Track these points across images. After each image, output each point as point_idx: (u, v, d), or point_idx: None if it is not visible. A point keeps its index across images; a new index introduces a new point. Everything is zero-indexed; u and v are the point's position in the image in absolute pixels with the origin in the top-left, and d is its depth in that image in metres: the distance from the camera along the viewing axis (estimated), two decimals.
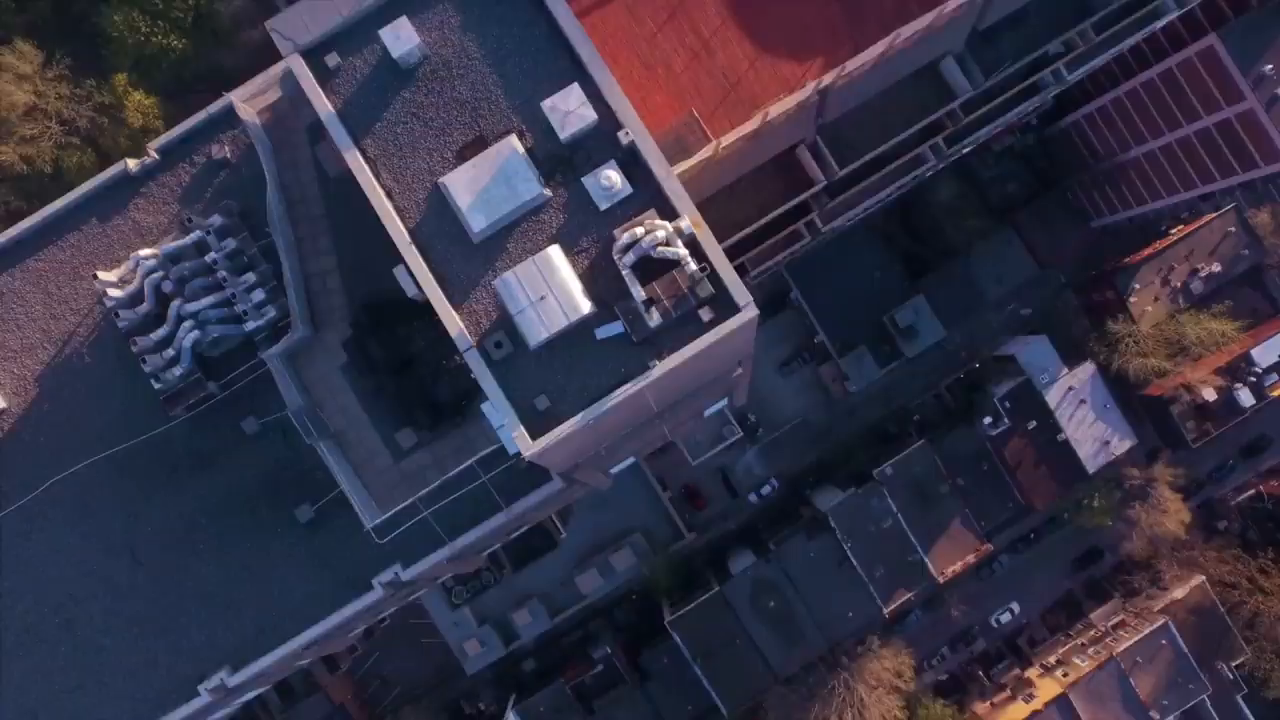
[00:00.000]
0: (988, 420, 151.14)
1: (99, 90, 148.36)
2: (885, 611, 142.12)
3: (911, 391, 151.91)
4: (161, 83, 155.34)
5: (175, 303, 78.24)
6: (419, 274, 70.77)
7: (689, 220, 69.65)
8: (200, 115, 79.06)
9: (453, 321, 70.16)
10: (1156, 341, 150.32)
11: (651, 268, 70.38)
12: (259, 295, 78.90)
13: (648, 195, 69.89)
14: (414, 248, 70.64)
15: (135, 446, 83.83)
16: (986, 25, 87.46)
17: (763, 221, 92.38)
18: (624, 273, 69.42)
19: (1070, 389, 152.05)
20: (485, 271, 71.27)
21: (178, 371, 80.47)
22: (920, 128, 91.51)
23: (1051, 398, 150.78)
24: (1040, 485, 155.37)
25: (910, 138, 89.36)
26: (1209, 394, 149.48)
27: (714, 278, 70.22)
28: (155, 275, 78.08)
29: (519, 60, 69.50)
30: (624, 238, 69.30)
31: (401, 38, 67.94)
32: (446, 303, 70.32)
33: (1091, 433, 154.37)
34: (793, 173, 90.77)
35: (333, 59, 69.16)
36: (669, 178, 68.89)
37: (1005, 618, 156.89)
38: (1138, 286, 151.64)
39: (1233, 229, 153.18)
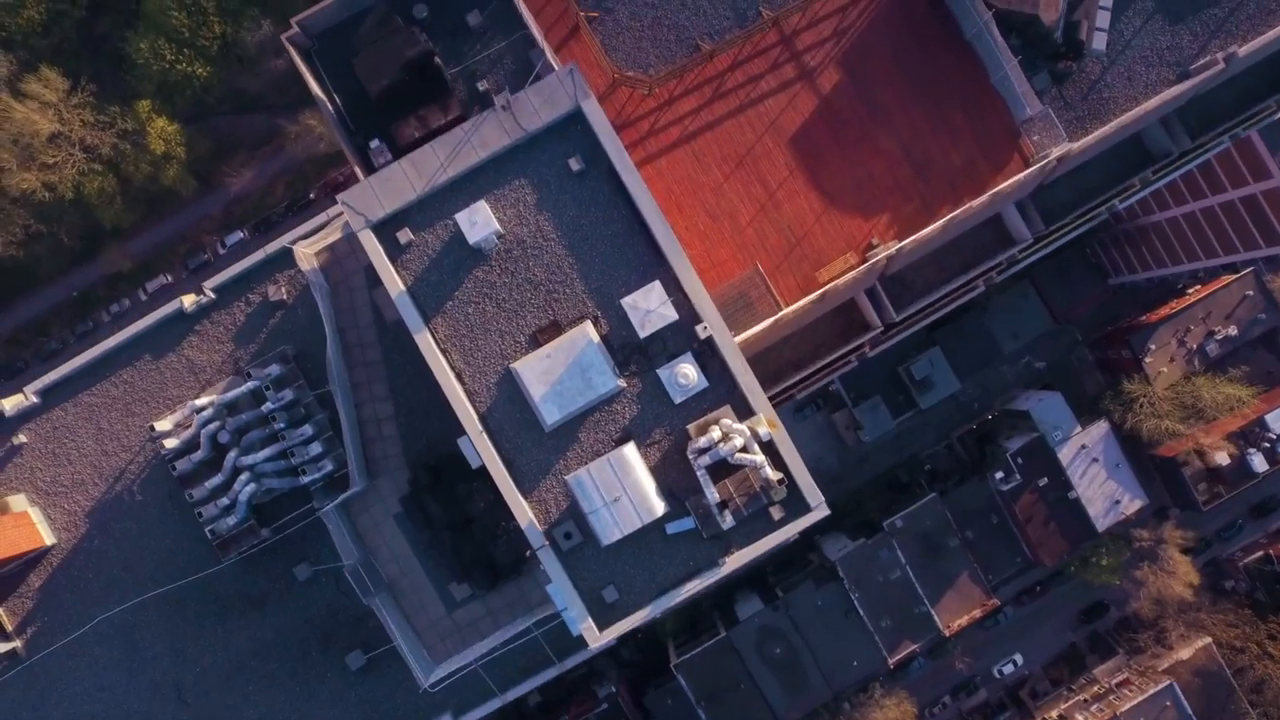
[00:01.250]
0: (999, 475, 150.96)
1: (122, 117, 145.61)
2: (890, 661, 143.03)
3: (923, 441, 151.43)
4: (183, 106, 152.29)
5: (232, 454, 77.29)
6: (488, 459, 69.79)
7: (765, 423, 68.68)
8: (257, 255, 77.56)
9: (522, 511, 69.38)
10: (1171, 403, 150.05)
11: (725, 466, 69.52)
12: (316, 449, 77.98)
13: (723, 390, 68.87)
14: (485, 435, 69.28)
15: (185, 586, 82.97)
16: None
17: (819, 365, 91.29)
18: (699, 474, 68.70)
19: (1083, 447, 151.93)
20: (556, 461, 70.31)
21: (232, 520, 79.79)
22: (979, 271, 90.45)
23: (1064, 455, 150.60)
24: (1049, 541, 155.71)
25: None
26: (1222, 459, 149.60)
27: (788, 480, 69.49)
28: (212, 426, 76.87)
29: (596, 243, 67.33)
30: (701, 440, 68.42)
31: (479, 225, 65.45)
32: (516, 491, 69.49)
33: (1102, 491, 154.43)
34: (850, 314, 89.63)
35: (404, 235, 67.00)
36: (745, 373, 67.85)
37: (1008, 669, 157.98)
38: (1153, 347, 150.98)
39: (1250, 293, 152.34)
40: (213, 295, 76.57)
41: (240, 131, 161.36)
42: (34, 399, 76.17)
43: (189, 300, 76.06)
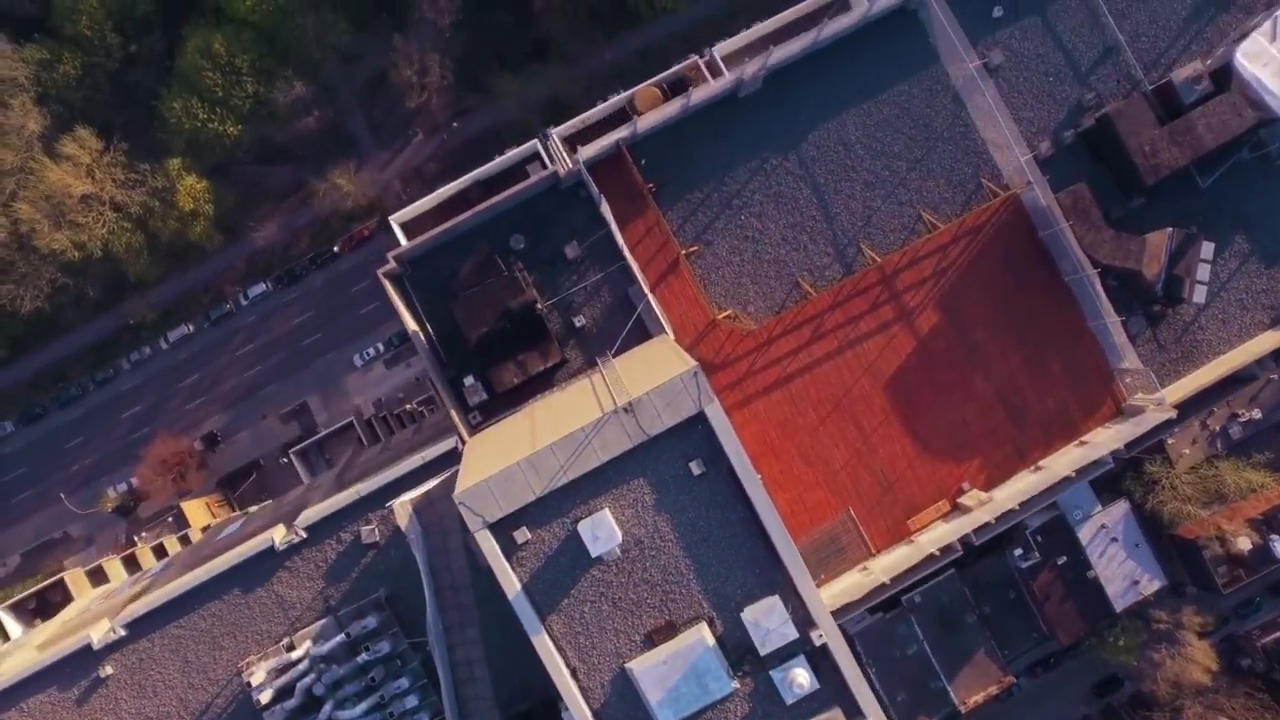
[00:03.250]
0: (1018, 552, 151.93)
1: (152, 174, 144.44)
2: None
3: None
4: (211, 160, 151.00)
5: (327, 706, 76.10)
6: None
7: None
8: (350, 495, 76.15)
9: None
10: (1193, 486, 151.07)
11: None
12: (412, 701, 77.21)
13: (832, 691, 68.46)
14: None
15: None
16: None
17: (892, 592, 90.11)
18: None
19: (1103, 526, 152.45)
20: None
21: None
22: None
23: (1083, 534, 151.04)
24: (1066, 620, 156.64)
25: None
26: (1243, 545, 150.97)
27: None
28: (307, 679, 76.08)
29: (713, 544, 65.93)
30: None
31: (601, 539, 63.99)
32: None
33: (1121, 571, 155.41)
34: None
35: (522, 534, 65.26)
36: (858, 679, 67.81)
37: None
38: (1176, 429, 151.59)
39: (1275, 376, 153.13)
40: (304, 534, 75.48)
41: (266, 182, 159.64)
42: (121, 631, 75.49)
43: (280, 537, 75.20)
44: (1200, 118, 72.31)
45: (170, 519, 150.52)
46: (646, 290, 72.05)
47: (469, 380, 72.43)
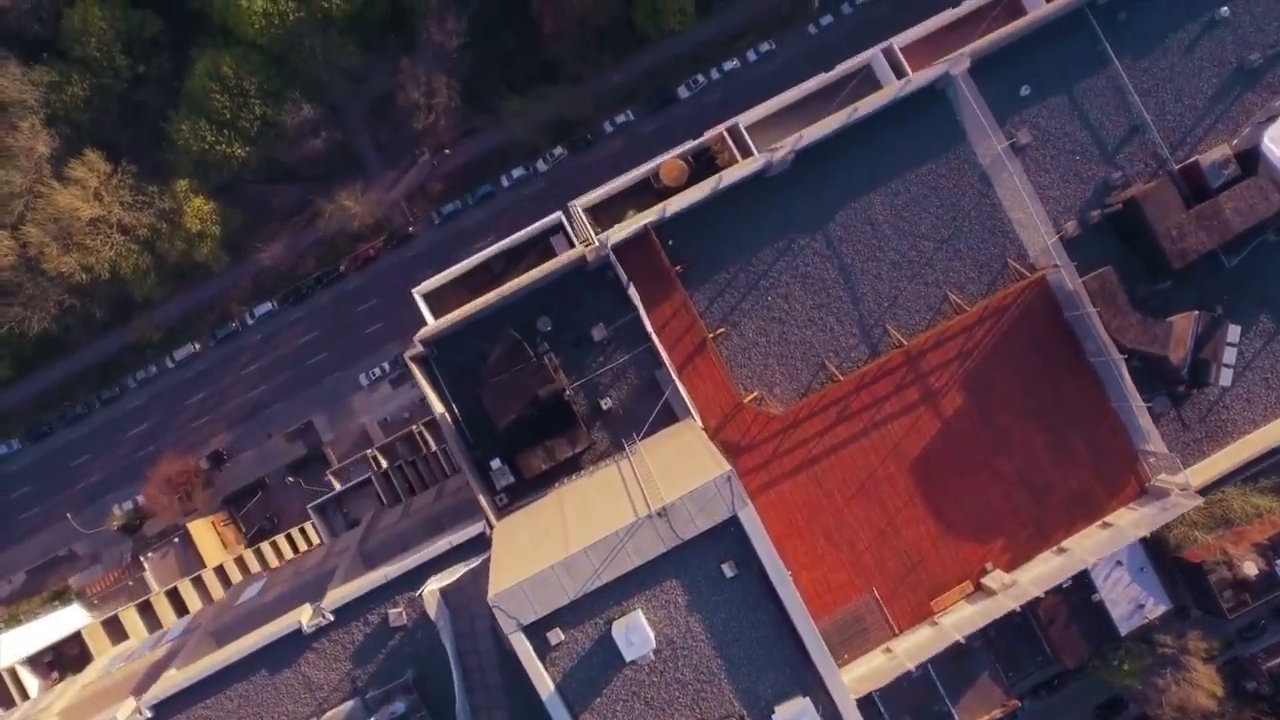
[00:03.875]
0: None
1: (160, 196, 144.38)
2: None
3: None
4: (218, 181, 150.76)
5: None
6: None
7: None
8: (377, 577, 75.64)
9: None
10: (1200, 512, 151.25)
11: None
12: None
13: None
14: None
15: None
16: None
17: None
18: None
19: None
20: None
21: None
22: None
23: None
24: (1071, 644, 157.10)
25: None
26: (1250, 569, 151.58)
27: None
28: None
29: (745, 644, 65.81)
30: None
31: (635, 644, 63.85)
32: None
33: (1126, 594, 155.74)
34: None
35: (555, 635, 65.12)
36: None
37: None
38: None
39: None
40: (331, 616, 75.07)
41: (272, 201, 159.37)
42: (148, 712, 75.17)
43: (307, 618, 74.90)
44: (1228, 201, 72.37)
45: (176, 539, 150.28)
46: (673, 374, 72.05)
47: (495, 464, 72.39)
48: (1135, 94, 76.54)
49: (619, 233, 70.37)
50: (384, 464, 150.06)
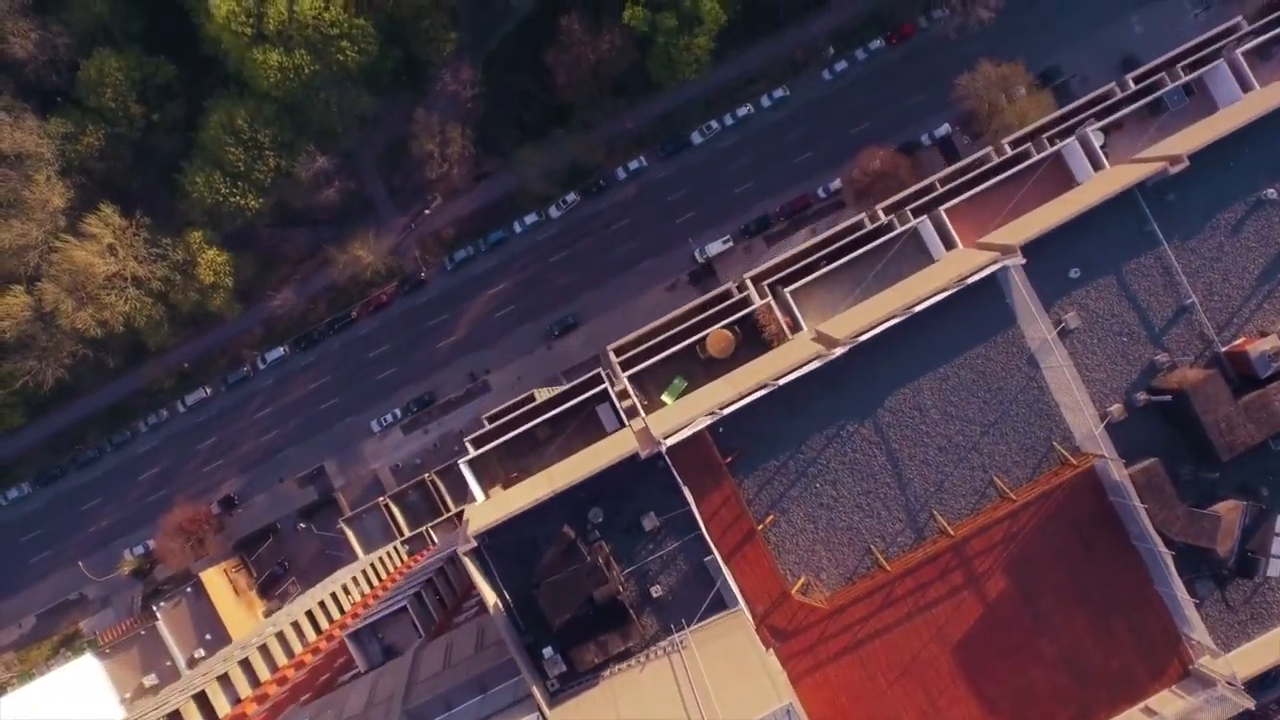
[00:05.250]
0: None
1: (174, 248, 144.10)
2: None
3: None
4: (231, 230, 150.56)
5: None
6: None
7: None
8: None
9: None
10: None
11: None
12: None
13: None
14: None
15: None
16: None
17: None
18: None
19: None
20: None
21: None
22: None
23: None
24: None
25: None
26: None
27: None
28: None
29: None
30: None
31: None
32: None
33: None
34: None
35: None
36: None
37: None
38: None
39: None
40: None
41: (284, 245, 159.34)
42: None
43: None
44: (1277, 393, 72.80)
45: (189, 589, 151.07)
46: (721, 563, 72.56)
47: (548, 652, 72.97)
48: (1183, 274, 76.72)
49: (673, 431, 70.35)
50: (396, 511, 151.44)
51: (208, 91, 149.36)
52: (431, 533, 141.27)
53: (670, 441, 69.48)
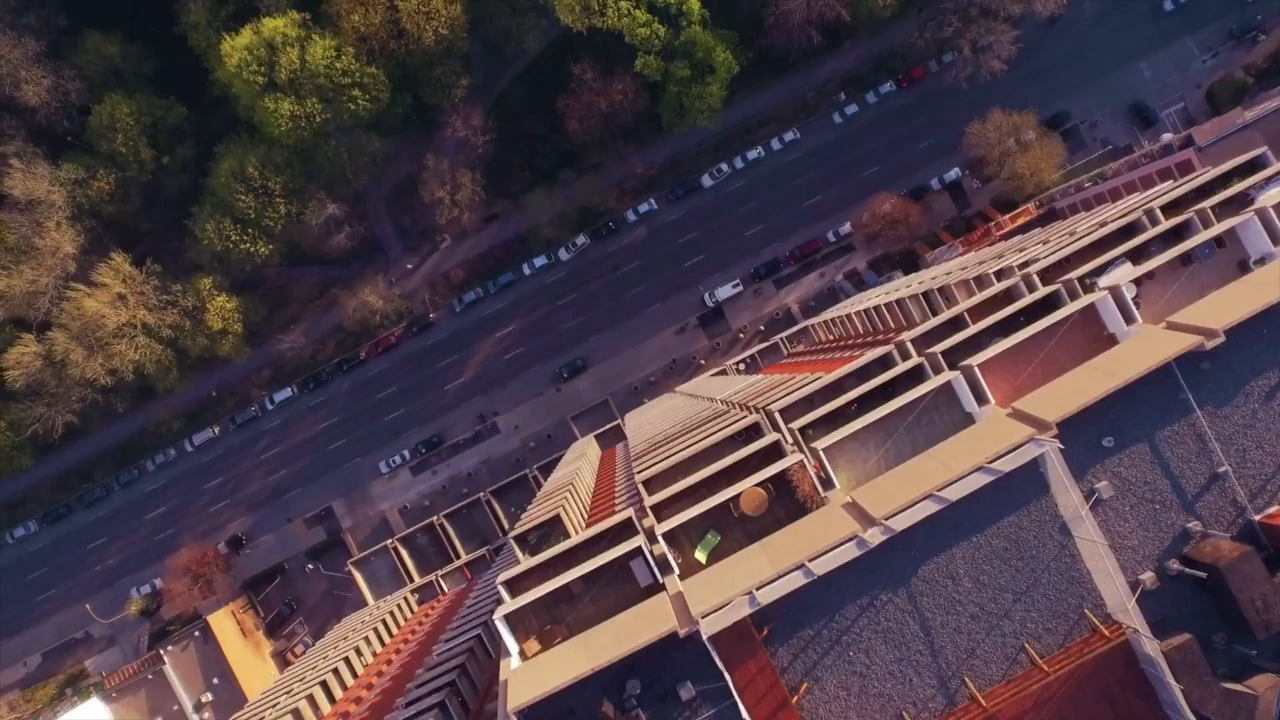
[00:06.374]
0: None
1: (183, 295, 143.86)
2: None
3: None
4: (240, 276, 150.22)
5: None
6: None
7: None
8: None
9: None
10: None
11: None
12: None
13: None
14: None
15: None
16: None
17: None
18: None
19: None
20: None
21: None
22: None
23: None
24: None
25: None
26: None
27: None
28: None
29: None
30: None
31: None
32: None
33: None
34: None
35: None
36: None
37: None
38: None
39: None
40: None
41: (292, 285, 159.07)
42: None
43: None
44: None
45: (197, 632, 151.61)
46: None
47: None
48: (1216, 441, 77.01)
49: (710, 610, 70.68)
50: (405, 554, 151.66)
51: (218, 131, 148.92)
52: (441, 581, 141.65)
53: (708, 624, 69.79)
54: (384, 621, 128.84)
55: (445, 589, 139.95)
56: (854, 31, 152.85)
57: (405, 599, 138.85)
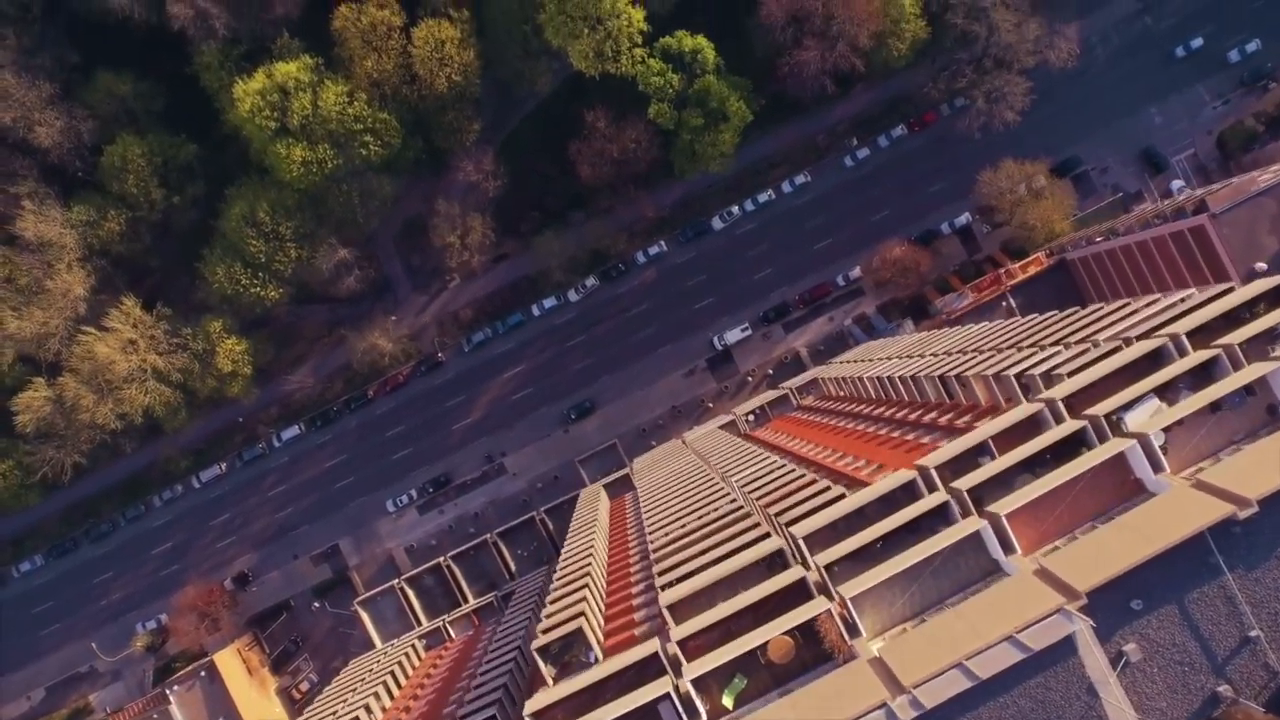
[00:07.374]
0: None
1: (193, 337, 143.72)
2: None
3: None
4: (250, 317, 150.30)
5: None
6: None
7: None
8: None
9: None
10: None
11: None
12: None
13: None
14: None
15: None
16: None
17: None
18: None
19: None
20: None
21: None
22: None
23: None
24: None
25: None
26: None
27: None
28: None
29: None
30: None
31: None
32: None
33: None
34: None
35: None
36: None
37: None
38: None
39: None
40: None
41: (300, 323, 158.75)
42: None
43: None
44: None
45: (202, 672, 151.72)
46: None
47: None
48: (1247, 605, 76.99)
49: None
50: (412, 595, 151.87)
51: (227, 168, 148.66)
52: (449, 628, 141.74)
53: None
54: (393, 673, 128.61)
55: (453, 634, 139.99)
56: (866, 75, 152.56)
57: (414, 646, 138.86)
